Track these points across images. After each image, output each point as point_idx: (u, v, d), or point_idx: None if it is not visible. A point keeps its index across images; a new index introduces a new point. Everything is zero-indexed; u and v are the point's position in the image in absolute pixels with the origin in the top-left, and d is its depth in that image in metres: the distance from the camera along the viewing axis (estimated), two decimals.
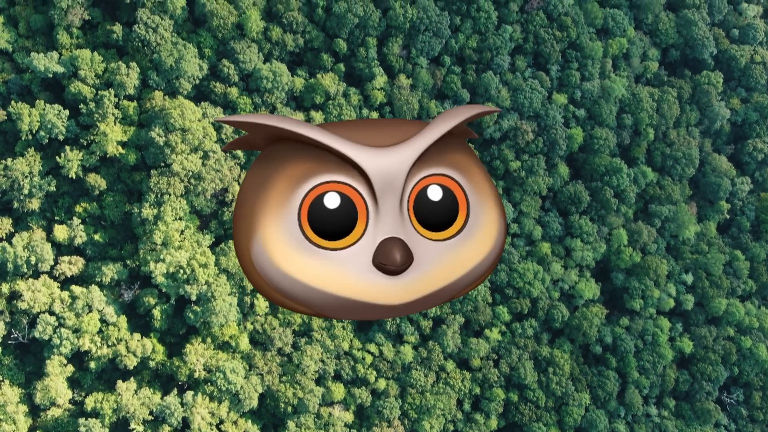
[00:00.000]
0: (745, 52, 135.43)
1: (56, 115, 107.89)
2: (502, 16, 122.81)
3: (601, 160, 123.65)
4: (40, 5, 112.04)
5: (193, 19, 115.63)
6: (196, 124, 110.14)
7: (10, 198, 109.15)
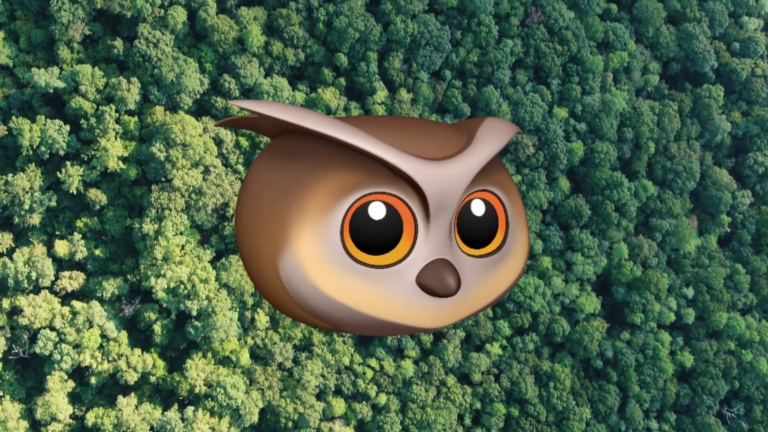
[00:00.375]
0: (746, 65, 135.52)
1: (57, 131, 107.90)
2: (502, 30, 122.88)
3: (601, 173, 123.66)
4: (40, 20, 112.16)
5: (194, 34, 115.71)
6: (197, 139, 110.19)
7: (11, 213, 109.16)
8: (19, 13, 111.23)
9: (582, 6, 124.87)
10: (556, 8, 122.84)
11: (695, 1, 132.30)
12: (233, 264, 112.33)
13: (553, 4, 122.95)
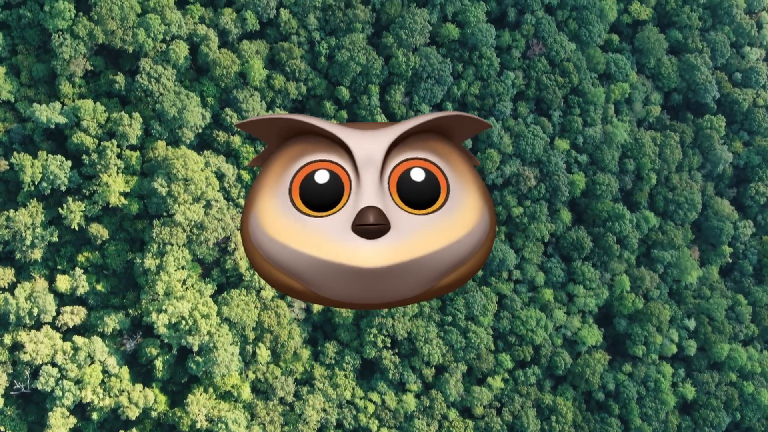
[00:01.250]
0: (747, 95, 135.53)
1: (58, 167, 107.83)
2: (504, 62, 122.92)
3: (603, 205, 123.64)
4: (42, 54, 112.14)
5: (195, 67, 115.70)
6: (199, 174, 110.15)
7: (13, 248, 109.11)
8: (21, 47, 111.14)
9: (583, 38, 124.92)
10: (557, 40, 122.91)
11: (697, 32, 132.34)
12: (234, 298, 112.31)
13: (554, 36, 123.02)
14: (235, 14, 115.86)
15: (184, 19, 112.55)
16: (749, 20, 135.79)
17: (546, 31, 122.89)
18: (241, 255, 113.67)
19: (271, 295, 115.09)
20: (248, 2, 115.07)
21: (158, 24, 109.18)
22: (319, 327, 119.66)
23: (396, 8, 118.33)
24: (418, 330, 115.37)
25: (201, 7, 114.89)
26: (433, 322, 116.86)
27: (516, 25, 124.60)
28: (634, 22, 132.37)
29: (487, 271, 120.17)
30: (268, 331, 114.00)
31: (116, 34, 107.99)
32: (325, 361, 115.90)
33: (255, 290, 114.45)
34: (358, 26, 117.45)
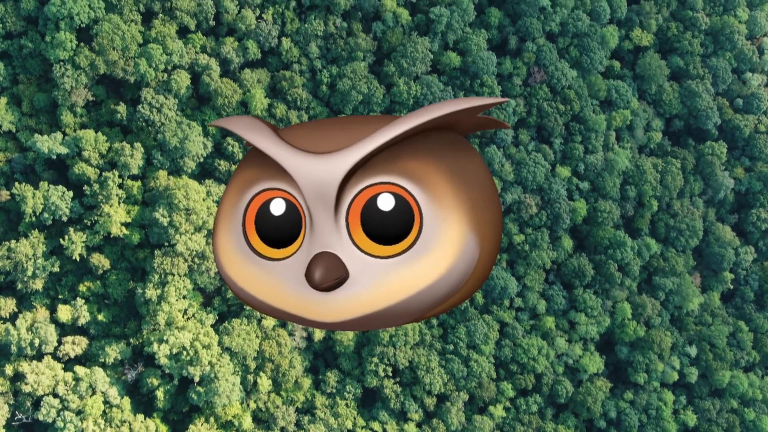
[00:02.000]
0: (749, 121, 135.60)
1: (60, 197, 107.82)
2: (505, 89, 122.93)
3: (604, 232, 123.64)
4: (43, 83, 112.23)
5: (197, 96, 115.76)
6: (201, 204, 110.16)
7: (14, 278, 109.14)
8: (22, 77, 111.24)
9: (584, 65, 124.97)
10: (558, 68, 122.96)
11: (698, 58, 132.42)
12: (235, 328, 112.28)
13: (555, 63, 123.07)
14: (237, 43, 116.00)
15: (186, 48, 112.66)
16: (751, 46, 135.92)
17: (547, 59, 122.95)
18: None
19: (272, 324, 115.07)
20: (250, 31, 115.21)
21: (160, 54, 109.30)
22: (320, 355, 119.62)
23: (397, 37, 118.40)
24: (419, 359, 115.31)
25: (202, 36, 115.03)
26: (434, 351, 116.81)
27: (517, 53, 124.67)
28: (636, 48, 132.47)
29: (489, 299, 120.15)
30: (270, 360, 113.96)
31: (118, 64, 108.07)
32: (326, 390, 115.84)
33: (256, 319, 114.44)
34: (359, 55, 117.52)
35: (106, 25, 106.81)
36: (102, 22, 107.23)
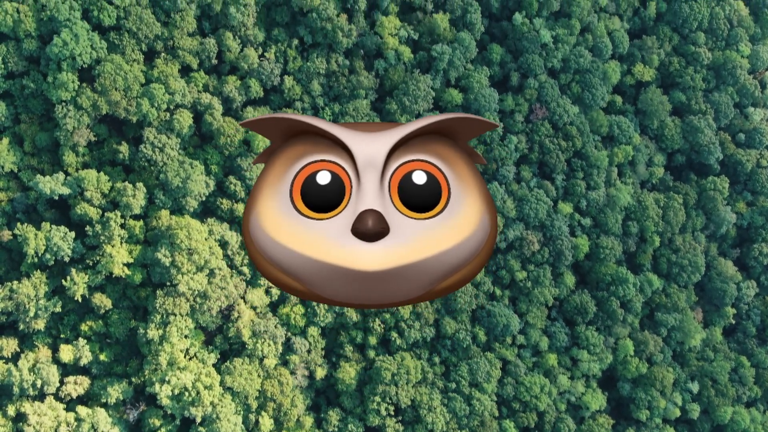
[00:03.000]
0: (751, 156, 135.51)
1: (62, 238, 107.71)
2: (507, 126, 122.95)
3: (607, 269, 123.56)
4: (45, 122, 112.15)
5: (200, 134, 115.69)
6: (203, 244, 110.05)
7: (16, 319, 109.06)
8: (24, 116, 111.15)
9: (586, 101, 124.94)
10: (560, 104, 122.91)
11: (700, 93, 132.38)
12: (237, 368, 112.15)
13: (557, 100, 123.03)
14: (239, 81, 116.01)
15: (188, 87, 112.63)
16: (753, 80, 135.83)
17: (549, 95, 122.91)
18: (244, 323, 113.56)
19: (274, 363, 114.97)
20: (252, 70, 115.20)
21: (162, 93, 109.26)
22: (322, 392, 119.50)
23: (399, 74, 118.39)
24: (421, 397, 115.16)
25: (205, 75, 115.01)
26: (436, 389, 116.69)
27: (519, 89, 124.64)
28: (638, 83, 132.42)
29: (491, 336, 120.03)
30: (271, 399, 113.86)
31: (120, 104, 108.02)
32: (328, 428, 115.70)
33: (258, 359, 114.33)
34: (361, 92, 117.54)
35: (109, 65, 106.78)
36: (104, 62, 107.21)
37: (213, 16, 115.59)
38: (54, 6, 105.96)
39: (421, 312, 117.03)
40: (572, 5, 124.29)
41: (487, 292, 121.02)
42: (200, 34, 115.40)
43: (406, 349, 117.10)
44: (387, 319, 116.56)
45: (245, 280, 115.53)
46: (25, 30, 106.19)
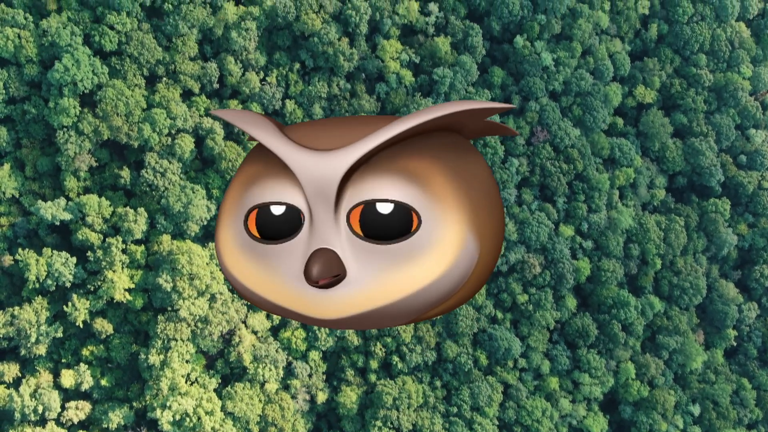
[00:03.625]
0: (752, 178, 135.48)
1: (63, 264, 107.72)
2: (508, 149, 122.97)
3: (608, 291, 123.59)
4: (46, 147, 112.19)
5: (201, 159, 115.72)
6: (204, 269, 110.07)
7: (17, 344, 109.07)
8: (25, 141, 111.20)
9: (587, 123, 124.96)
10: (561, 127, 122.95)
11: (702, 115, 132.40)
12: (238, 392, 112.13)
13: (558, 123, 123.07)
14: (241, 105, 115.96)
15: (190, 111, 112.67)
16: (754, 102, 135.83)
17: (550, 118, 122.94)
18: (245, 347, 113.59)
19: (275, 388, 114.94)
20: (254, 94, 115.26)
21: (164, 118, 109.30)
22: (323, 416, 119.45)
23: (401, 98, 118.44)
24: (423, 422, 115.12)
25: (206, 99, 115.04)
26: (438, 414, 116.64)
27: (520, 112, 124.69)
28: (639, 105, 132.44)
29: (492, 359, 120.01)
30: (272, 424, 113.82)
31: (121, 130, 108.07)
32: None
33: (259, 383, 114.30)
34: None
35: (110, 91, 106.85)
36: (106, 87, 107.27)
37: (214, 41, 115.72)
38: (55, 31, 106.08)
39: (422, 336, 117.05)
40: (573, 28, 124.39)
41: (489, 316, 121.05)
42: (202, 58, 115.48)
43: (407, 372, 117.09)
44: (388, 342, 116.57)
45: (246, 305, 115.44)
46: (26, 55, 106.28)
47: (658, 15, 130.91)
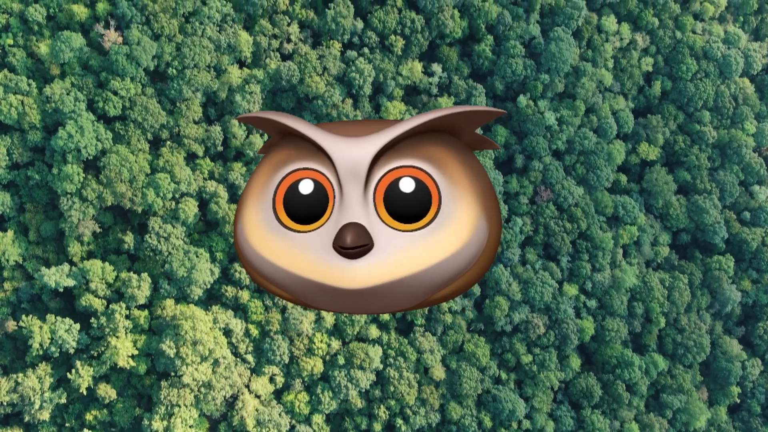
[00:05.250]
0: (756, 235, 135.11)
1: (66, 331, 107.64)
2: (512, 208, 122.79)
3: (612, 351, 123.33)
4: (50, 210, 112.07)
5: (205, 221, 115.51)
6: (207, 334, 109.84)
7: (21, 410, 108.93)
8: (29, 205, 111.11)
9: (591, 182, 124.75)
10: (565, 186, 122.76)
11: (705, 172, 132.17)
12: None
13: (561, 182, 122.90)
14: (245, 168, 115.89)
15: (194, 175, 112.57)
16: (758, 158, 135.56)
17: (554, 177, 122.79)
18: (248, 412, 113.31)
19: None
20: (258, 156, 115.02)
21: (167, 183, 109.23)
22: None
23: None
24: None
25: (210, 162, 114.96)
26: None
27: (524, 171, 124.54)
28: (642, 161, 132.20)
29: (497, 421, 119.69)
30: None
31: (125, 195, 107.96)
32: None
33: None
34: None
35: (114, 157, 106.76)
36: (110, 154, 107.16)
37: (219, 103, 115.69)
38: (59, 98, 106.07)
39: (426, 398, 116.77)
40: (577, 87, 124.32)
41: (493, 376, 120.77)
42: (206, 121, 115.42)
43: None
44: (392, 405, 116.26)
45: (249, 368, 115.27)
46: (29, 122, 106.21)
47: (661, 72, 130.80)
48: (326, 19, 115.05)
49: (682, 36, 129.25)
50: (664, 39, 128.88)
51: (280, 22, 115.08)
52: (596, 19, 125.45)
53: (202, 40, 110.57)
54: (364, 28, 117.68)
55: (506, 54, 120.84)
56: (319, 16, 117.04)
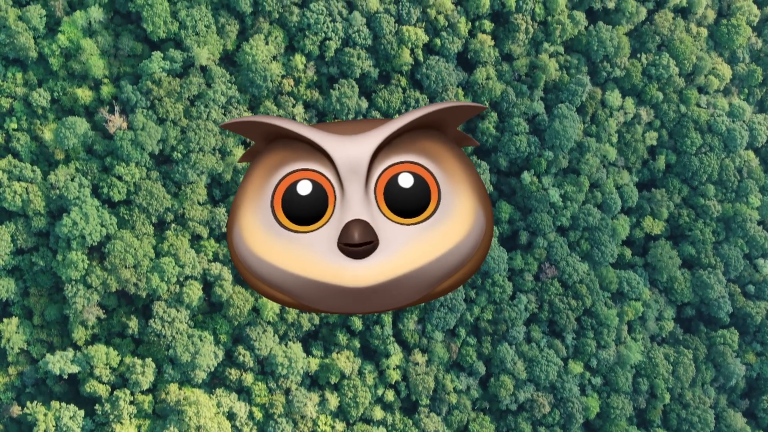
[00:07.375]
0: (760, 308, 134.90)
1: (71, 418, 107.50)
2: (516, 284, 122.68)
3: (617, 428, 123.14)
4: (54, 294, 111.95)
5: (209, 303, 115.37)
6: (211, 420, 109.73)
7: None
8: (33, 290, 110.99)
9: (595, 258, 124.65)
10: (569, 263, 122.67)
11: (710, 246, 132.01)
12: None
13: (566, 258, 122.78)
14: None
15: (198, 257, 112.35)
16: (762, 232, 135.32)
17: (558, 254, 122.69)
18: None
19: None
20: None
21: (172, 267, 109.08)
22: None
23: None
24: None
25: (215, 243, 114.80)
26: None
27: (528, 247, 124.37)
28: (647, 236, 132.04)
29: None
30: None
31: (130, 281, 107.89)
32: None
33: None
34: None
35: (119, 243, 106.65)
36: (114, 240, 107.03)
37: (223, 184, 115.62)
38: (63, 185, 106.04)
39: None
40: (581, 162, 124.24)
41: None
42: (211, 202, 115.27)
43: None
44: None
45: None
46: (34, 209, 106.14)
47: (666, 145, 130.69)
48: (331, 99, 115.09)
49: (686, 110, 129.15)
50: (669, 113, 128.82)
51: (285, 103, 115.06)
52: (600, 94, 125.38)
53: (207, 123, 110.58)
54: (368, 108, 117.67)
55: (510, 131, 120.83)
56: (323, 96, 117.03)
